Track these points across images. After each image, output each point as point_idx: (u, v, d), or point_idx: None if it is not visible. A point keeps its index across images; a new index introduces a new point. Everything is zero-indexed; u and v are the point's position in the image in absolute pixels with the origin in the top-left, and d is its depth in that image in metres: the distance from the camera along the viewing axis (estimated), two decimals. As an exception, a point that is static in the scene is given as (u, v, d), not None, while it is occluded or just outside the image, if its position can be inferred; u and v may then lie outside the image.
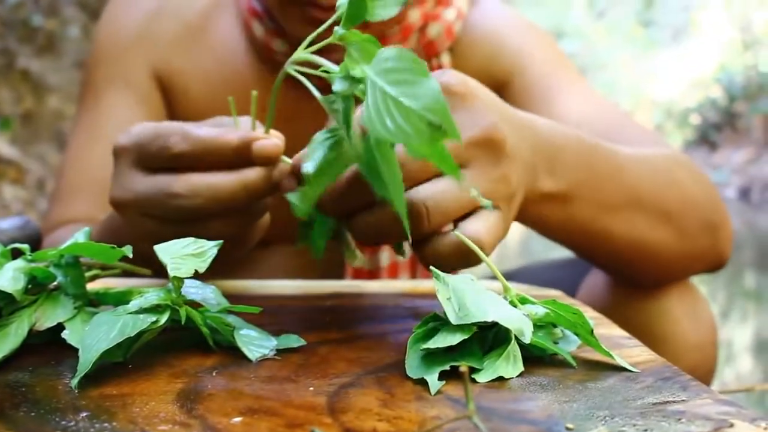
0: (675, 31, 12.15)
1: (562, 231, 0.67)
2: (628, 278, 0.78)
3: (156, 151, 0.56)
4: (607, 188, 0.68)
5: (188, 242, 0.47)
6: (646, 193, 0.71)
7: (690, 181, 0.76)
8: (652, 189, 0.72)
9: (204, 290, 0.49)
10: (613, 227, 0.69)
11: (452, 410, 0.38)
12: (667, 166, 0.75)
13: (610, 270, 0.78)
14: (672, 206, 0.73)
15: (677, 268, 0.77)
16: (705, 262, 0.78)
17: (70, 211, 0.88)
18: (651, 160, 0.74)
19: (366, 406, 0.39)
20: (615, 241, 0.70)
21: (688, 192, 0.75)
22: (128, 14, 0.93)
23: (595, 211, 0.67)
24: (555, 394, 0.41)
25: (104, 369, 0.43)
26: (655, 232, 0.72)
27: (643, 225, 0.71)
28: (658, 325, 0.79)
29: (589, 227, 0.68)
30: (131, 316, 0.44)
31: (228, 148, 0.55)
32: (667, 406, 0.40)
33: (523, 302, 0.48)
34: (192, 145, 0.55)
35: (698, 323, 0.81)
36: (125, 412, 0.37)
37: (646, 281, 0.78)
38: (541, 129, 0.62)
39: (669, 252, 0.74)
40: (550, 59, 0.91)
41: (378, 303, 0.62)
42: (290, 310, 0.59)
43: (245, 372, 0.44)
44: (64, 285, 0.48)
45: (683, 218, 0.74)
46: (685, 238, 0.74)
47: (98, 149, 0.89)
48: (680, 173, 0.76)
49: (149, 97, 0.91)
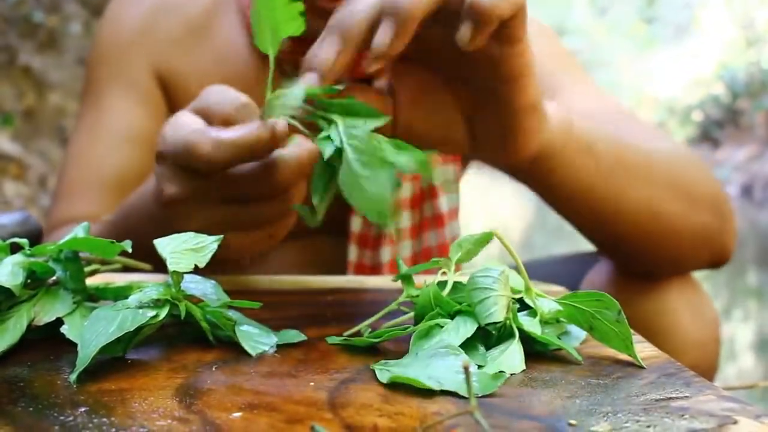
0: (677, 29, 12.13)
1: (580, 183, 0.68)
2: (637, 260, 0.78)
3: (190, 163, 0.55)
4: (625, 154, 0.70)
5: (188, 237, 0.47)
6: (658, 167, 0.73)
7: (700, 170, 0.78)
8: (668, 165, 0.74)
9: (204, 285, 0.49)
10: (630, 191, 0.71)
11: (453, 406, 0.38)
12: (678, 155, 0.77)
13: (621, 248, 0.77)
14: (685, 181, 0.75)
15: (684, 246, 0.77)
16: (709, 247, 0.78)
17: (73, 210, 0.88)
18: (663, 147, 0.76)
19: (367, 402, 0.38)
20: (631, 206, 0.71)
21: (698, 176, 0.77)
22: (130, 12, 0.93)
23: (614, 170, 0.69)
24: (557, 390, 0.41)
25: (103, 364, 0.43)
26: (669, 203, 0.73)
27: (660, 194, 0.73)
28: (660, 321, 0.78)
29: (607, 186, 0.69)
30: (130, 311, 0.43)
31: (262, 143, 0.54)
32: (671, 402, 0.39)
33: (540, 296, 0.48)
34: (224, 151, 0.54)
35: (700, 319, 0.81)
36: (124, 407, 0.37)
37: (655, 263, 0.78)
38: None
39: (680, 226, 0.75)
40: (555, 56, 0.91)
41: (379, 298, 0.62)
42: (290, 305, 0.59)
43: (245, 367, 0.44)
44: (63, 280, 0.48)
45: (694, 194, 0.75)
46: (696, 214, 0.75)
47: (100, 148, 0.89)
48: (691, 163, 0.77)
49: (151, 95, 0.91)
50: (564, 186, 0.68)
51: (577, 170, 0.67)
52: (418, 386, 0.39)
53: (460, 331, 0.44)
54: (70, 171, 0.90)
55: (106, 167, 0.89)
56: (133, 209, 0.68)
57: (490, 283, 0.46)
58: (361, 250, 0.87)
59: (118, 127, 0.89)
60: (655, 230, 0.74)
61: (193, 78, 0.90)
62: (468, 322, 0.44)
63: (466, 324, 0.44)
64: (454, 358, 0.41)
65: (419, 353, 0.42)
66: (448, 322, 0.45)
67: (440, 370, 0.40)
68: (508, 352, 0.43)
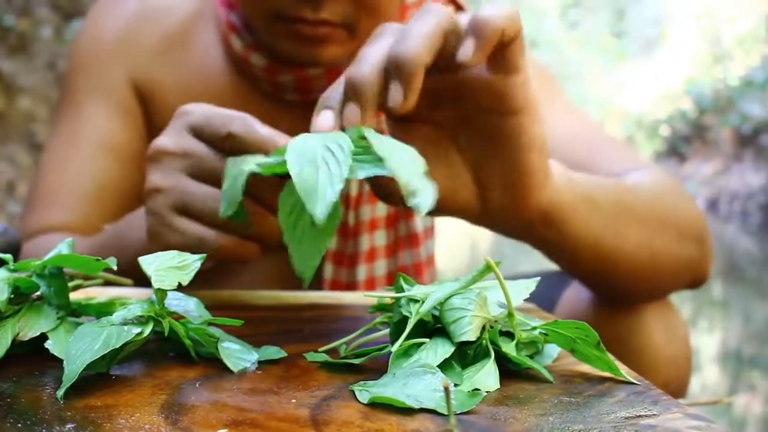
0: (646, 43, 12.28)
1: (587, 233, 0.67)
2: (626, 295, 0.79)
3: (215, 130, 0.59)
4: (619, 197, 0.71)
5: (172, 255, 0.48)
6: (648, 205, 0.74)
7: (679, 198, 0.79)
8: (654, 202, 0.75)
9: (186, 302, 0.50)
10: (629, 234, 0.71)
11: (432, 423, 0.39)
12: (659, 185, 0.78)
13: (614, 287, 0.77)
14: (671, 216, 0.76)
15: (669, 276, 0.78)
16: (691, 274, 0.80)
17: (48, 219, 0.88)
18: (644, 181, 0.77)
19: (348, 419, 0.40)
20: (630, 248, 0.71)
21: (680, 206, 0.78)
22: (109, 22, 0.94)
23: (613, 215, 0.69)
24: (531, 408, 0.42)
25: (87, 380, 0.43)
26: (660, 239, 0.74)
27: (653, 232, 0.73)
28: (634, 339, 0.80)
29: (610, 233, 0.69)
30: (115, 328, 0.44)
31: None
32: (639, 420, 0.41)
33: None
34: (250, 136, 0.58)
35: (673, 338, 0.82)
36: (111, 424, 0.38)
37: (643, 296, 0.79)
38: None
39: (667, 259, 0.75)
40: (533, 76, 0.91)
41: (356, 315, 0.63)
42: (268, 321, 0.60)
43: (228, 384, 0.45)
44: (48, 295, 0.49)
45: (680, 228, 0.76)
46: (681, 246, 0.76)
47: (77, 157, 0.89)
48: (671, 191, 0.78)
49: (128, 106, 0.92)
50: (572, 238, 0.66)
51: (583, 220, 0.66)
52: (398, 405, 0.41)
53: (438, 351, 0.45)
54: (45, 179, 0.90)
55: (82, 176, 0.89)
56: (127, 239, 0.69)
57: (465, 303, 0.47)
58: (336, 268, 0.88)
59: (96, 137, 0.90)
60: (650, 267, 0.74)
61: (171, 89, 0.91)
62: (446, 342, 0.46)
63: (444, 344, 0.46)
64: (431, 376, 0.42)
65: (397, 373, 0.44)
66: (426, 341, 0.46)
67: (418, 389, 0.42)
68: (484, 371, 0.45)
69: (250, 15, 0.83)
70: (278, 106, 0.88)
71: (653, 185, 0.77)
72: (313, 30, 0.78)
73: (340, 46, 0.81)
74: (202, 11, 0.93)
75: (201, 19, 0.92)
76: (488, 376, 0.45)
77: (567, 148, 0.84)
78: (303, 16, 0.78)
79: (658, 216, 0.74)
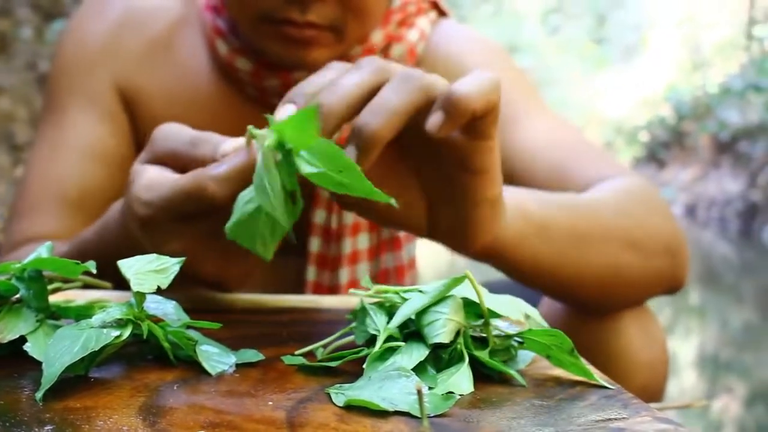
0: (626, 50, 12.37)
1: (540, 264, 0.68)
2: (597, 308, 0.80)
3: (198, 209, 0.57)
4: (579, 223, 0.71)
5: (151, 258, 0.49)
6: (613, 224, 0.74)
7: (650, 210, 0.79)
8: (618, 220, 0.75)
9: (165, 305, 0.51)
10: (589, 258, 0.71)
11: (406, 425, 0.40)
12: (628, 198, 0.78)
13: (583, 303, 0.79)
14: (636, 234, 0.76)
15: (640, 292, 0.80)
16: (664, 285, 0.80)
17: (33, 228, 0.87)
18: (613, 195, 0.77)
19: (324, 421, 0.40)
20: (591, 270, 0.72)
21: (649, 220, 0.78)
22: (93, 27, 0.93)
23: (571, 243, 0.69)
24: (504, 411, 0.43)
25: (66, 382, 0.44)
26: (624, 258, 0.74)
27: (616, 251, 0.73)
28: (611, 344, 0.80)
29: (567, 260, 0.70)
30: (94, 331, 0.45)
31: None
32: (609, 423, 0.42)
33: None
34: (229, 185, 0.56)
35: (650, 342, 0.83)
36: (89, 425, 0.38)
37: (610, 307, 0.80)
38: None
39: (635, 276, 0.76)
40: (511, 82, 0.92)
41: (334, 318, 0.64)
42: (247, 324, 0.60)
43: (205, 386, 0.45)
44: (27, 298, 0.49)
45: (647, 244, 0.76)
46: (649, 262, 0.77)
47: (62, 164, 0.89)
48: (641, 204, 0.79)
49: (114, 112, 0.91)
50: (522, 267, 0.67)
51: (535, 254, 0.67)
52: (372, 408, 0.41)
53: (413, 355, 0.46)
54: (30, 187, 0.90)
55: (68, 184, 0.88)
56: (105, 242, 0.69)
57: (440, 307, 0.48)
58: (319, 271, 0.89)
59: (80, 144, 0.89)
60: (615, 284, 0.75)
61: (156, 95, 0.91)
62: (422, 346, 0.47)
63: (419, 347, 0.46)
64: (406, 380, 0.43)
65: (372, 376, 0.44)
66: (401, 345, 0.47)
67: (393, 392, 0.42)
68: (458, 374, 0.46)
69: (237, 17, 0.83)
70: (263, 111, 0.89)
71: (622, 198, 0.78)
72: (300, 32, 0.79)
73: (327, 49, 0.82)
74: (187, 16, 0.93)
75: (186, 24, 0.92)
76: (462, 380, 0.46)
77: (544, 154, 0.85)
78: (290, 18, 0.78)
79: (624, 232, 0.75)
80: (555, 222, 0.68)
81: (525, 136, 0.87)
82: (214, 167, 0.56)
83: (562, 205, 0.71)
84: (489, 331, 0.49)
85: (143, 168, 0.60)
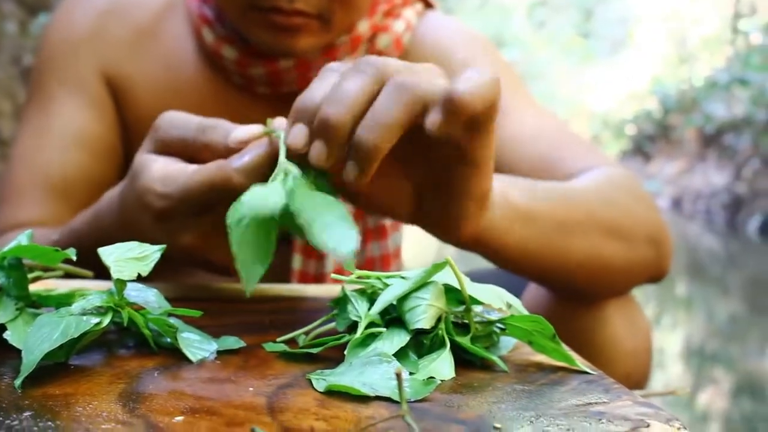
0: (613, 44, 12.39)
1: (525, 252, 0.68)
2: (582, 295, 0.80)
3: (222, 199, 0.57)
4: (563, 211, 0.71)
5: (132, 246, 0.48)
6: (597, 212, 0.74)
7: (633, 199, 0.79)
8: (602, 209, 0.75)
9: (146, 293, 0.50)
10: (572, 246, 0.71)
11: (386, 410, 0.40)
12: (612, 187, 0.78)
13: (567, 289, 0.79)
14: (620, 222, 0.76)
15: (624, 279, 0.80)
16: (648, 274, 0.81)
17: (17, 216, 0.87)
18: (597, 184, 0.78)
19: (304, 406, 0.40)
20: (574, 257, 0.72)
21: (633, 209, 0.78)
22: (79, 15, 0.93)
23: (555, 231, 0.70)
24: (485, 396, 0.43)
25: (46, 369, 0.44)
26: (608, 246, 0.75)
27: (599, 240, 0.74)
28: (595, 332, 0.81)
29: (551, 248, 0.70)
30: (74, 318, 0.44)
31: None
32: (590, 407, 0.42)
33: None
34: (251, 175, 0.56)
35: (634, 330, 0.84)
36: (69, 412, 0.38)
37: (595, 295, 0.80)
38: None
39: (619, 264, 0.76)
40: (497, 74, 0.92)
41: (317, 307, 0.64)
42: (230, 313, 0.60)
43: (186, 373, 0.45)
44: (7, 287, 0.49)
45: (630, 232, 0.77)
46: (633, 250, 0.77)
47: (47, 151, 0.88)
48: (625, 193, 0.79)
49: (99, 99, 0.91)
50: (507, 255, 0.68)
51: (519, 241, 0.67)
52: (353, 393, 0.41)
53: (394, 340, 0.46)
54: (16, 175, 0.89)
55: (53, 171, 0.88)
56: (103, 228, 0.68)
57: (421, 293, 0.48)
58: (305, 260, 0.89)
59: (66, 131, 0.89)
60: (600, 271, 0.75)
61: (142, 82, 0.90)
62: (403, 331, 0.47)
63: (401, 333, 0.46)
64: (386, 365, 0.43)
65: (354, 362, 0.44)
66: (382, 331, 0.47)
67: (374, 377, 0.42)
68: (439, 360, 0.46)
69: (225, 5, 0.83)
70: (249, 99, 0.89)
71: (606, 187, 0.78)
72: (287, 20, 0.79)
73: (314, 37, 0.82)
74: (173, 4, 0.93)
75: (172, 12, 0.92)
76: (443, 365, 0.46)
77: (529, 146, 0.86)
78: (278, 6, 0.78)
79: (609, 222, 0.75)
80: (540, 210, 0.69)
81: (511, 128, 0.87)
82: (237, 158, 0.56)
83: (547, 193, 0.71)
84: (470, 317, 0.49)
85: (150, 158, 0.60)
